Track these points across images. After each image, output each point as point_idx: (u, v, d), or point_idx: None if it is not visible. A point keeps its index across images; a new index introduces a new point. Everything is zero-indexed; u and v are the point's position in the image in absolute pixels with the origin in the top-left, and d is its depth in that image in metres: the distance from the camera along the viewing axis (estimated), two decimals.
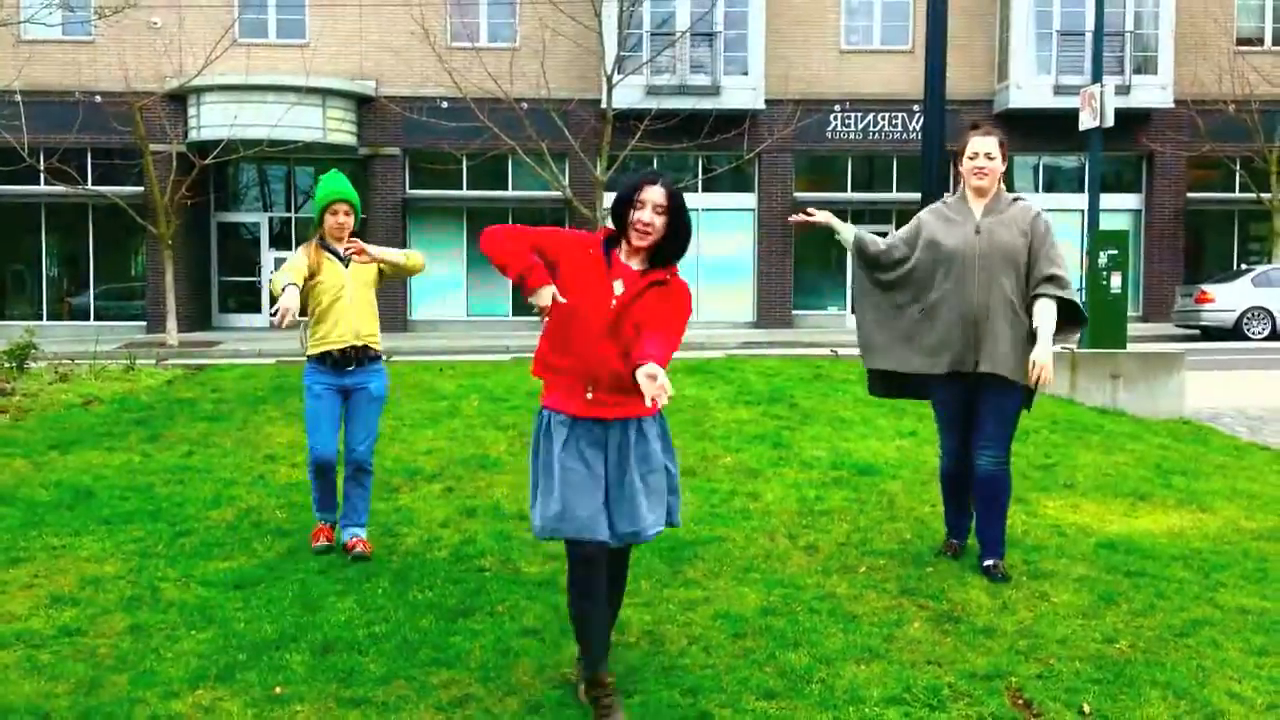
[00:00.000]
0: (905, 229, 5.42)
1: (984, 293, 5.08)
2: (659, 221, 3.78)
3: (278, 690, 4.05)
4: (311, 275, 5.60)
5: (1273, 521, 6.30)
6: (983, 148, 5.16)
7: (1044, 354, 5.00)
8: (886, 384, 5.55)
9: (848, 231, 5.44)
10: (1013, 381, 5.11)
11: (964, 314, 5.11)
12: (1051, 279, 5.09)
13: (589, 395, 3.79)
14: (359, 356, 5.67)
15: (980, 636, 4.52)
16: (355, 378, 5.69)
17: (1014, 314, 5.09)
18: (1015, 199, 5.26)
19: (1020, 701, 3.96)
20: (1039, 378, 5.00)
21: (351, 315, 5.63)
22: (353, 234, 5.74)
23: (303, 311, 5.56)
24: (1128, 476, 7.31)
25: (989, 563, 5.24)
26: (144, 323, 24.62)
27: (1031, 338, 5.09)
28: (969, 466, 5.31)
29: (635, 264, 3.86)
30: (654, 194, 3.78)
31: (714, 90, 23.89)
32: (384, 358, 5.86)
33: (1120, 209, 25.58)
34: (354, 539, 5.71)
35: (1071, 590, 5.04)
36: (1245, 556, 5.60)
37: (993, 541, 5.26)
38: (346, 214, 5.67)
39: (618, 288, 3.80)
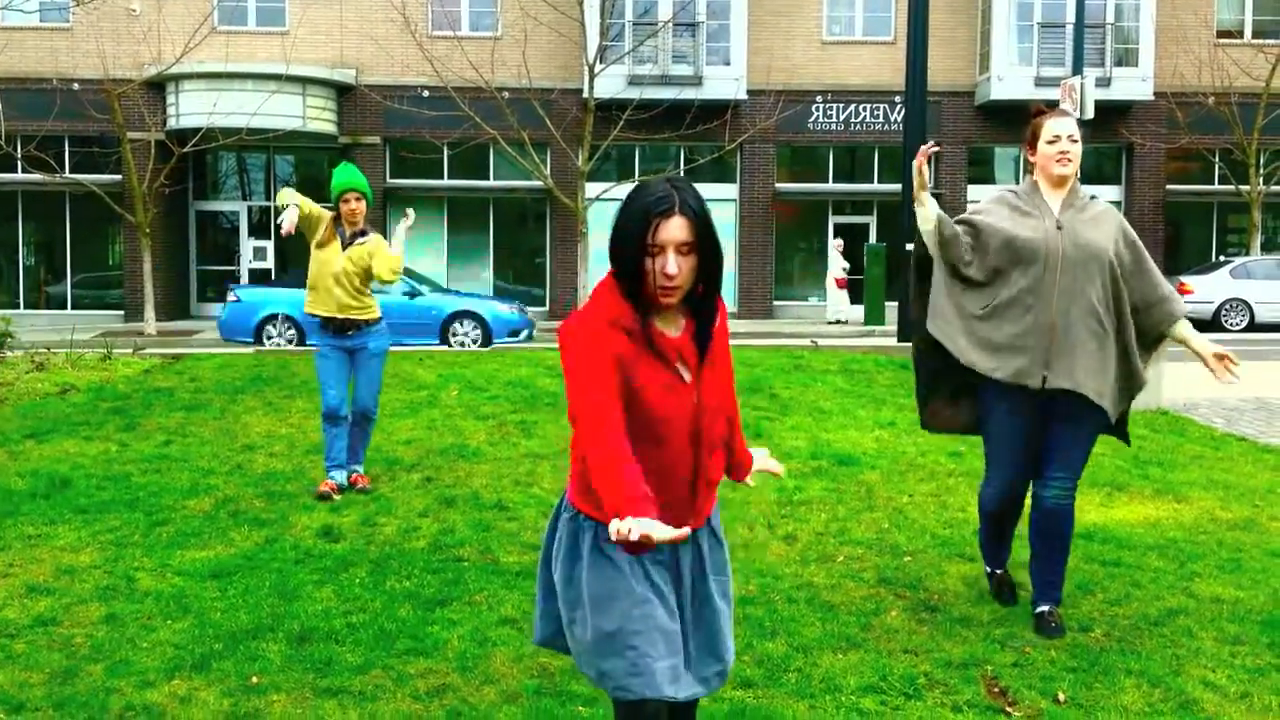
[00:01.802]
0: (961, 225, 4.48)
1: (1066, 298, 4.28)
2: (687, 266, 2.54)
3: (254, 680, 4.03)
4: (320, 245, 6.54)
5: (1248, 512, 6.35)
6: (1064, 130, 4.31)
7: (1208, 344, 4.36)
8: (941, 416, 4.72)
9: (932, 209, 4.45)
10: (1090, 402, 4.36)
11: (1040, 319, 4.30)
12: (1169, 299, 4.42)
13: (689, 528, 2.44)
14: (353, 325, 6.56)
15: (957, 625, 4.54)
16: (356, 340, 6.62)
17: (1099, 325, 4.32)
18: (1092, 197, 4.48)
19: (996, 690, 3.98)
20: (1226, 366, 4.33)
21: (337, 292, 6.51)
22: (364, 224, 6.68)
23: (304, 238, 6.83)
24: (1104, 467, 7.35)
25: (1044, 609, 4.50)
26: (121, 311, 24.49)
27: (1119, 357, 4.42)
28: (1020, 498, 4.57)
29: (675, 329, 2.65)
30: (673, 231, 2.50)
31: (696, 80, 23.86)
32: (384, 320, 6.78)
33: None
34: (355, 475, 6.77)
35: None
36: (1220, 546, 5.64)
37: (1049, 585, 4.51)
38: (357, 200, 6.57)
39: (684, 374, 2.63)
